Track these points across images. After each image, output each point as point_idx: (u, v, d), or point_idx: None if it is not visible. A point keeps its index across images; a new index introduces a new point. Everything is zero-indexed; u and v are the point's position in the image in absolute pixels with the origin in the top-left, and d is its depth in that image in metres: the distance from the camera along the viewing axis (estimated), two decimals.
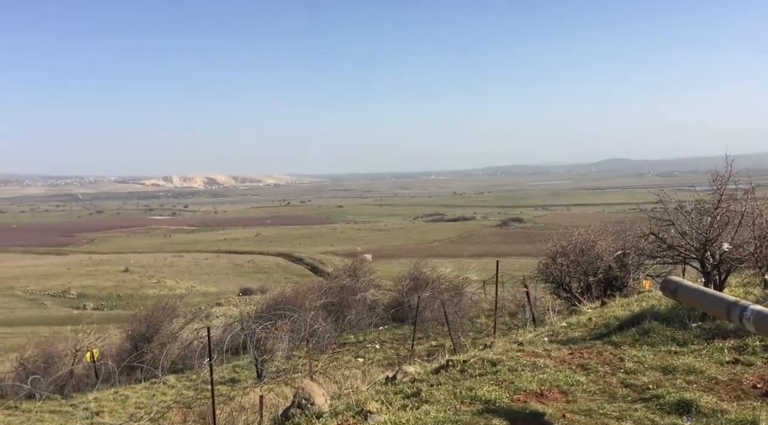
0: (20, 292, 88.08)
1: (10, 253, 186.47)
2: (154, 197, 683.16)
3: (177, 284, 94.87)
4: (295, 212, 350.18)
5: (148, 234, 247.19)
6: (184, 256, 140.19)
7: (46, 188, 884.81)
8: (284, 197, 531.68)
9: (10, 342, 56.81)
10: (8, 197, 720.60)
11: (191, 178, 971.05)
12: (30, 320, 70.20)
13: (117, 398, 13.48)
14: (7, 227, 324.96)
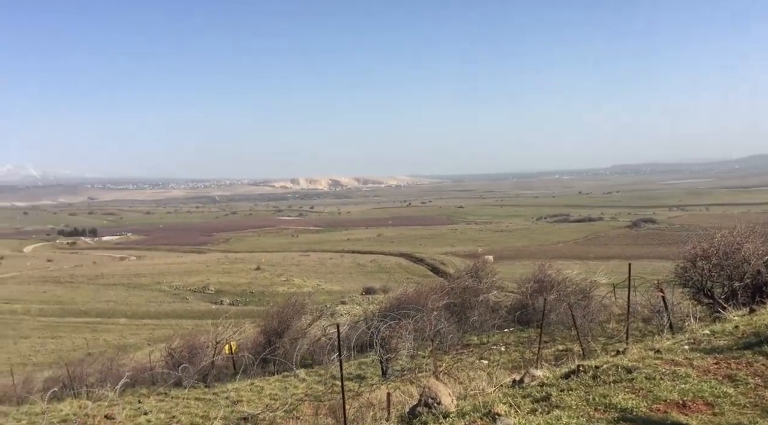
0: (166, 287, 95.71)
1: (158, 251, 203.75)
2: (283, 198, 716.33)
3: (304, 283, 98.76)
4: (415, 212, 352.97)
5: (277, 234, 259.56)
6: (310, 255, 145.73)
7: (188, 191, 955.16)
8: (405, 197, 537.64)
9: (158, 333, 62.03)
10: (156, 199, 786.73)
11: (317, 180, 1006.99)
12: (174, 313, 76.21)
13: (253, 388, 14.28)
14: (155, 227, 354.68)
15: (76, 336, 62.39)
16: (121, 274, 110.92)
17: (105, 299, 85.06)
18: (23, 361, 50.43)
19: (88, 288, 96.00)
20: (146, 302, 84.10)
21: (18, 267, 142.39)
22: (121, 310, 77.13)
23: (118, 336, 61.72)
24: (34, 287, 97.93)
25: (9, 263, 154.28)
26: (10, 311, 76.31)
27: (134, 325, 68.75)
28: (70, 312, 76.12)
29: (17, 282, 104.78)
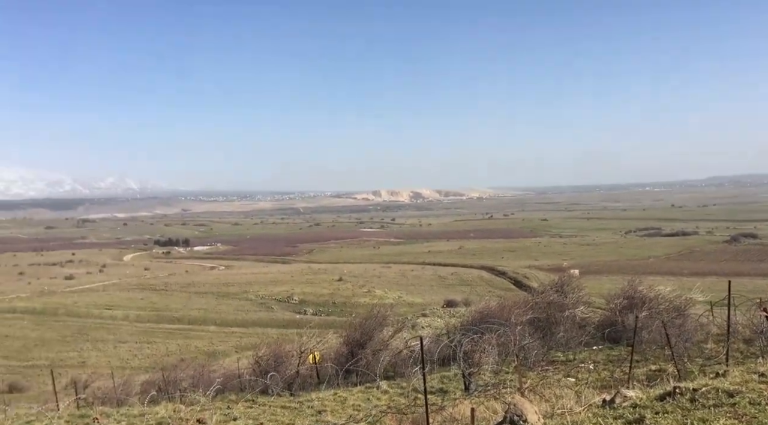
0: (252, 296, 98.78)
1: (245, 261, 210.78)
2: (365, 210, 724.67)
3: (386, 294, 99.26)
4: (497, 225, 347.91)
5: (359, 246, 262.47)
6: (391, 267, 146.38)
7: (274, 203, 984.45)
8: (487, 210, 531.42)
9: (245, 341, 64.11)
10: (244, 211, 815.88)
11: (398, 192, 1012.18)
12: (260, 321, 78.50)
13: (337, 399, 14.47)
14: (243, 237, 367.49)
15: (169, 341, 65.41)
16: (211, 283, 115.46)
17: (196, 307, 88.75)
18: (122, 364, 53.34)
19: (181, 296, 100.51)
20: (234, 310, 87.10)
21: (118, 275, 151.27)
22: (210, 318, 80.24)
23: (208, 343, 64.20)
24: (132, 294, 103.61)
25: (110, 271, 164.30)
26: (110, 316, 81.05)
27: (223, 333, 71.31)
28: (165, 319, 79.96)
29: (117, 289, 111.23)
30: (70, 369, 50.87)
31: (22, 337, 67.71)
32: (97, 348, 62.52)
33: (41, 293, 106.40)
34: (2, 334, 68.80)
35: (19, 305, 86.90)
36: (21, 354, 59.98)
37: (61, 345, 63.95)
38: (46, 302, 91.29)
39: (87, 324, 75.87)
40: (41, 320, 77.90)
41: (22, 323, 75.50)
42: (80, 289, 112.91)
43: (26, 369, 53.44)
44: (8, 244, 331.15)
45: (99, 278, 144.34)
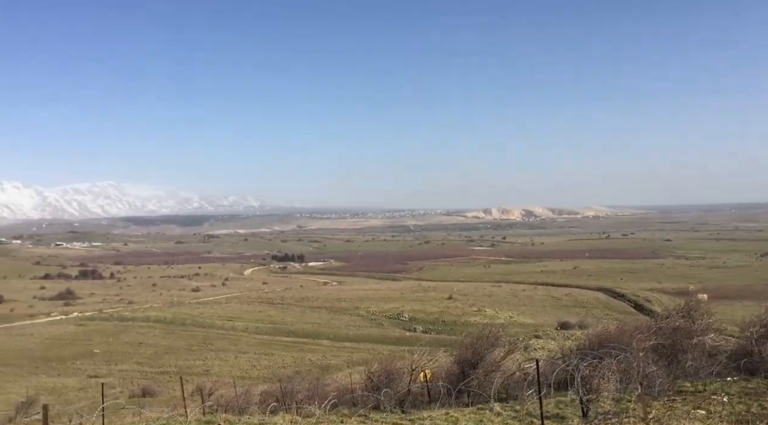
0: (364, 312, 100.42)
1: (357, 277, 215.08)
2: (475, 228, 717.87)
3: (496, 314, 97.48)
4: (615, 245, 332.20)
5: (468, 264, 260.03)
6: (502, 286, 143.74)
7: (385, 220, 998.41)
8: (604, 229, 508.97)
9: (356, 356, 65.15)
10: (356, 228, 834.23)
11: (509, 210, 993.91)
12: (371, 337, 79.55)
13: (448, 419, 14.35)
14: (355, 254, 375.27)
15: (285, 353, 67.83)
16: (324, 298, 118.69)
17: (310, 321, 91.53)
18: (242, 374, 55.91)
19: (296, 310, 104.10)
20: (346, 325, 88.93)
21: (239, 288, 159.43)
22: (323, 332, 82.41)
23: (321, 357, 65.90)
24: (252, 307, 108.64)
25: (232, 285, 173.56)
26: (232, 328, 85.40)
27: (335, 347, 72.94)
28: (281, 332, 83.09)
29: (238, 302, 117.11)
30: (196, 376, 54.02)
31: (154, 345, 72.91)
32: (220, 357, 65.97)
33: (171, 304, 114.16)
34: (138, 342, 74.47)
35: (152, 315, 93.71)
36: (153, 361, 64.54)
37: (188, 354, 68.13)
38: (176, 312, 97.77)
39: (211, 334, 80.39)
40: (171, 329, 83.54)
41: (155, 331, 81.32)
42: (205, 301, 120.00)
43: (157, 374, 57.38)
44: (143, 257, 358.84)
45: (222, 291, 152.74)
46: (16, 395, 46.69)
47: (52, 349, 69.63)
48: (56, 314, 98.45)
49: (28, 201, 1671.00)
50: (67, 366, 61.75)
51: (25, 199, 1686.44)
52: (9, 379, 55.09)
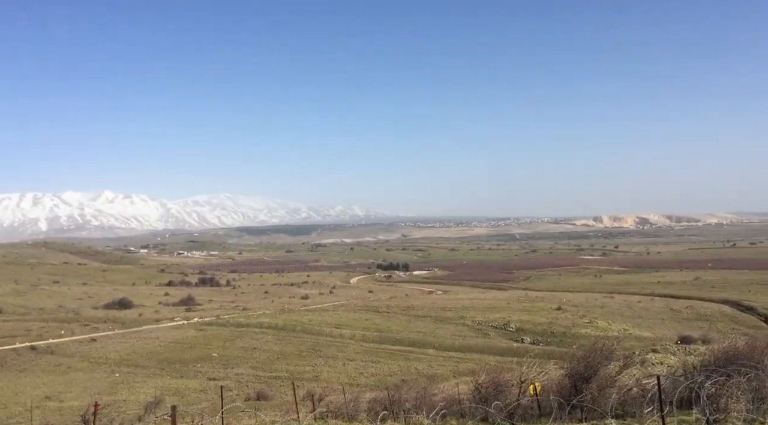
0: (469, 322, 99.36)
1: (461, 286, 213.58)
2: (584, 236, 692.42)
3: (609, 326, 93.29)
4: (742, 254, 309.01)
5: (578, 274, 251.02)
6: (615, 297, 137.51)
7: (489, 229, 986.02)
8: (728, 237, 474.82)
9: (462, 366, 64.52)
10: (460, 236, 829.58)
11: (621, 218, 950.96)
12: (477, 347, 78.53)
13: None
14: (459, 263, 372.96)
15: (391, 362, 68.36)
16: (429, 307, 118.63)
17: (416, 330, 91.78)
18: (350, 381, 56.94)
19: (401, 319, 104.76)
20: (451, 335, 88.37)
21: (346, 296, 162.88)
22: (429, 341, 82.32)
23: (427, 366, 65.84)
24: (358, 315, 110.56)
25: (339, 292, 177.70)
26: (339, 335, 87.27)
27: (441, 357, 72.62)
28: (387, 340, 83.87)
29: (345, 310, 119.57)
30: (306, 382, 55.65)
31: (267, 350, 75.90)
32: (328, 364, 67.58)
33: (282, 310, 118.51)
34: (252, 347, 77.85)
35: (264, 321, 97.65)
36: (266, 366, 67.18)
37: (298, 360, 70.34)
38: (286, 319, 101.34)
39: (319, 341, 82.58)
40: (282, 335, 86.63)
41: (267, 337, 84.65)
42: (314, 308, 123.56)
43: (270, 379, 59.67)
44: (256, 265, 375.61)
45: (329, 298, 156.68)
46: (144, 394, 50.24)
47: (175, 352, 74.26)
48: (179, 319, 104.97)
49: (154, 213, 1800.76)
50: (189, 368, 65.58)
51: (151, 211, 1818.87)
52: (138, 380, 59.32)
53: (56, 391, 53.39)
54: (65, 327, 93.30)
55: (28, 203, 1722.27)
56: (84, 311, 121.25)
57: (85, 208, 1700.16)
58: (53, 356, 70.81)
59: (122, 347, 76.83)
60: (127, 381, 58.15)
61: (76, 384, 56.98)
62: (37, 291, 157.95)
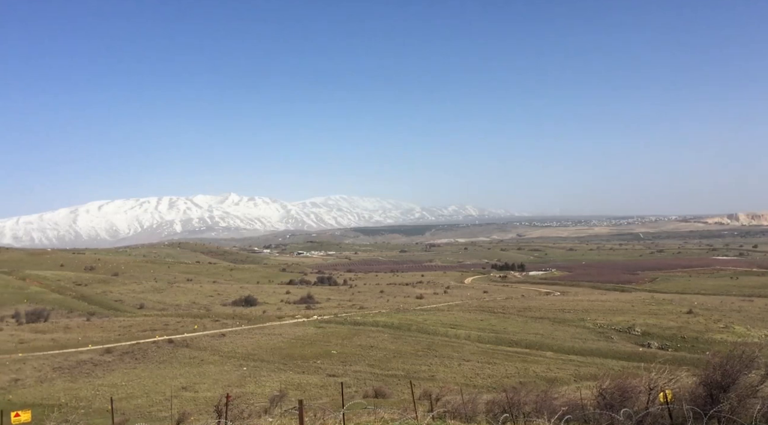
0: (590, 324, 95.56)
1: (581, 287, 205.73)
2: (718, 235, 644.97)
3: (748, 332, 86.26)
4: None
5: (711, 275, 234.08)
6: (754, 301, 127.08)
7: (610, 228, 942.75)
8: None
9: (583, 370, 62.23)
10: (578, 236, 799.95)
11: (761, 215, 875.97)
12: (599, 351, 75.33)
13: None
14: (578, 263, 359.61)
15: (508, 364, 67.17)
16: (547, 308, 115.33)
17: (533, 332, 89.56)
18: (466, 382, 56.59)
19: (517, 320, 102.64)
20: (571, 338, 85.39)
21: (460, 296, 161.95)
22: (547, 343, 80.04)
23: (545, 369, 64.07)
24: (473, 315, 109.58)
25: (454, 293, 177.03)
26: (454, 335, 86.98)
27: (560, 360, 70.39)
28: (503, 341, 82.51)
29: (460, 310, 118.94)
30: (422, 381, 55.94)
31: (383, 349, 77.13)
32: (444, 364, 67.52)
33: (397, 310, 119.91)
34: (368, 345, 79.44)
35: (380, 320, 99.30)
36: (382, 364, 68.27)
37: (414, 359, 70.88)
38: (402, 318, 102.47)
39: (435, 340, 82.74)
40: (398, 334, 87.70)
41: (383, 336, 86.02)
42: (428, 308, 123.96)
43: (387, 377, 60.57)
44: (371, 265, 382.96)
45: (444, 298, 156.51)
46: (269, 388, 52.77)
47: (296, 348, 77.34)
48: (299, 316, 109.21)
49: (275, 214, 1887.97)
50: (309, 364, 68.04)
51: (273, 212, 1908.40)
52: (263, 373, 62.37)
53: (191, 382, 57.36)
54: (198, 322, 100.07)
55: (165, 207, 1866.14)
56: (214, 308, 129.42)
57: (213, 210, 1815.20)
58: (188, 349, 76.09)
59: (248, 342, 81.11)
60: (254, 375, 61.32)
61: (209, 376, 60.88)
62: (173, 289, 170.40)
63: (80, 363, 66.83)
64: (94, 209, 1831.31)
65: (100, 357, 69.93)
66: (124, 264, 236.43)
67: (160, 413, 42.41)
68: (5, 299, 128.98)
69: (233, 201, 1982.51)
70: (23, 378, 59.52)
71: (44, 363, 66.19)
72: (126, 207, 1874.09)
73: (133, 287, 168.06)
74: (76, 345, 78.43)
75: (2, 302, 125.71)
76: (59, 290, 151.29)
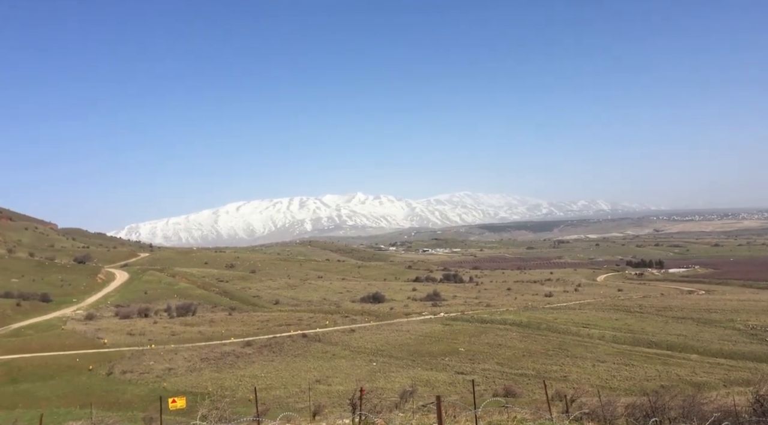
0: (740, 326, 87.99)
1: (729, 286, 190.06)
2: None
3: None
4: None
5: None
6: None
7: (762, 221, 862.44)
8: None
9: (735, 375, 57.43)
10: (725, 230, 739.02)
11: None
12: (751, 355, 69.17)
13: None
14: (725, 260, 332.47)
15: (647, 366, 63.44)
16: (690, 308, 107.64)
17: (675, 333, 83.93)
18: (601, 383, 54.15)
19: (657, 320, 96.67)
20: (719, 339, 78.99)
21: (592, 294, 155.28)
22: (691, 345, 74.67)
23: (689, 372, 59.85)
24: (606, 314, 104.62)
25: (585, 291, 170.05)
26: (587, 335, 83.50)
27: (707, 363, 65.41)
28: (641, 342, 78.01)
29: (592, 308, 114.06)
30: (554, 381, 54.21)
31: (512, 347, 75.67)
32: (577, 364, 64.99)
33: (525, 308, 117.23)
34: (497, 343, 78.29)
35: (508, 318, 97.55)
36: (511, 362, 66.98)
37: (544, 358, 68.87)
38: (530, 316, 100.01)
39: (566, 340, 79.90)
40: (526, 333, 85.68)
41: (512, 334, 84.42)
42: (558, 306, 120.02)
43: (516, 376, 59.33)
44: (497, 262, 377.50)
45: (574, 296, 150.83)
46: (399, 383, 53.59)
47: (423, 345, 77.89)
48: (426, 313, 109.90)
49: (400, 212, 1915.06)
50: (437, 361, 68.26)
51: (398, 210, 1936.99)
52: (392, 369, 63.44)
53: (324, 375, 59.60)
54: (329, 318, 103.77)
55: (296, 206, 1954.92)
56: (344, 304, 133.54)
57: (341, 209, 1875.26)
58: (320, 343, 79.10)
59: (377, 338, 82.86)
60: (383, 370, 62.54)
61: (340, 370, 62.93)
62: (305, 285, 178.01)
63: (224, 354, 71.68)
64: (233, 210, 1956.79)
65: (242, 350, 74.56)
66: (260, 262, 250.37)
67: (297, 404, 44.42)
68: (159, 295, 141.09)
69: (359, 200, 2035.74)
70: (175, 367, 64.84)
71: (193, 354, 71.71)
72: (261, 208, 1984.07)
73: (268, 283, 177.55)
74: (220, 338, 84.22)
75: (156, 297, 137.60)
76: (204, 286, 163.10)
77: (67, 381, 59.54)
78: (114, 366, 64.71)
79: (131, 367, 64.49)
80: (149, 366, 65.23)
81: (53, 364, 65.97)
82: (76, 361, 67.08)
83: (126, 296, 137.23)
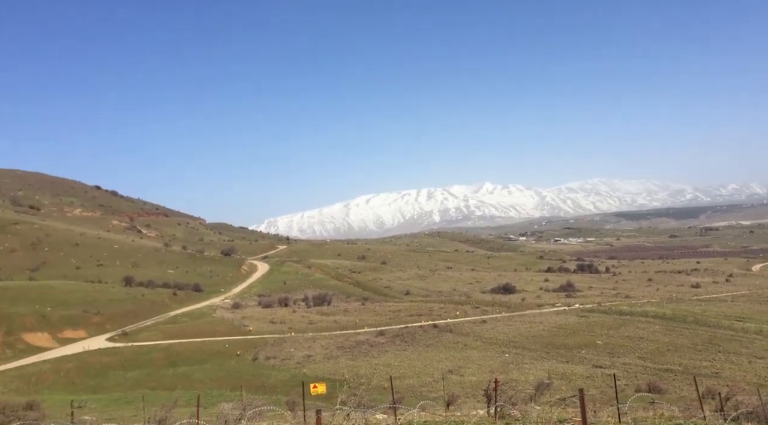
0: None
1: None
2: None
3: None
4: None
5: None
6: None
7: None
8: None
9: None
10: None
11: None
12: None
13: None
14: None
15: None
16: None
17: None
18: (759, 381, 49.72)
19: None
20: None
21: (747, 285, 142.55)
22: None
23: None
24: (764, 307, 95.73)
25: (738, 282, 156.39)
26: (742, 329, 76.85)
27: None
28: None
29: (747, 301, 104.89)
30: (704, 378, 50.47)
31: (655, 341, 71.34)
32: (730, 360, 60.04)
33: (669, 300, 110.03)
34: (638, 336, 74.18)
35: (649, 310, 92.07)
36: (655, 357, 63.17)
37: (692, 353, 64.30)
38: (675, 309, 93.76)
39: (717, 334, 74.04)
40: (671, 326, 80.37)
41: (654, 327, 79.56)
42: (706, 298, 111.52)
43: (660, 371, 55.88)
44: (635, 251, 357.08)
45: (726, 288, 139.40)
46: (533, 376, 52.47)
47: (557, 337, 75.54)
48: (560, 305, 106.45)
49: (529, 201, 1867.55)
50: (573, 354, 65.95)
51: (527, 199, 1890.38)
52: (526, 361, 62.21)
53: (456, 366, 59.69)
54: (459, 309, 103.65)
55: (424, 198, 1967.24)
56: (474, 295, 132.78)
57: (469, 200, 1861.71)
58: (451, 334, 79.27)
59: (509, 329, 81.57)
60: (516, 362, 61.50)
61: (472, 361, 62.71)
62: (435, 276, 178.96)
63: (358, 343, 73.98)
64: (363, 203, 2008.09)
65: (375, 339, 76.54)
66: (390, 253, 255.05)
67: (431, 394, 44.87)
68: (296, 285, 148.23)
69: (487, 190, 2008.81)
70: (314, 354, 67.94)
71: (330, 342, 74.70)
72: (389, 200, 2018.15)
73: (399, 274, 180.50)
74: (354, 327, 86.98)
75: (294, 287, 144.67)
76: (338, 277, 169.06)
77: (219, 365, 64.42)
78: (259, 352, 69.04)
79: (274, 353, 68.47)
80: (290, 352, 68.88)
81: (206, 349, 71.64)
82: (226, 347, 72.33)
83: (267, 287, 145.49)
